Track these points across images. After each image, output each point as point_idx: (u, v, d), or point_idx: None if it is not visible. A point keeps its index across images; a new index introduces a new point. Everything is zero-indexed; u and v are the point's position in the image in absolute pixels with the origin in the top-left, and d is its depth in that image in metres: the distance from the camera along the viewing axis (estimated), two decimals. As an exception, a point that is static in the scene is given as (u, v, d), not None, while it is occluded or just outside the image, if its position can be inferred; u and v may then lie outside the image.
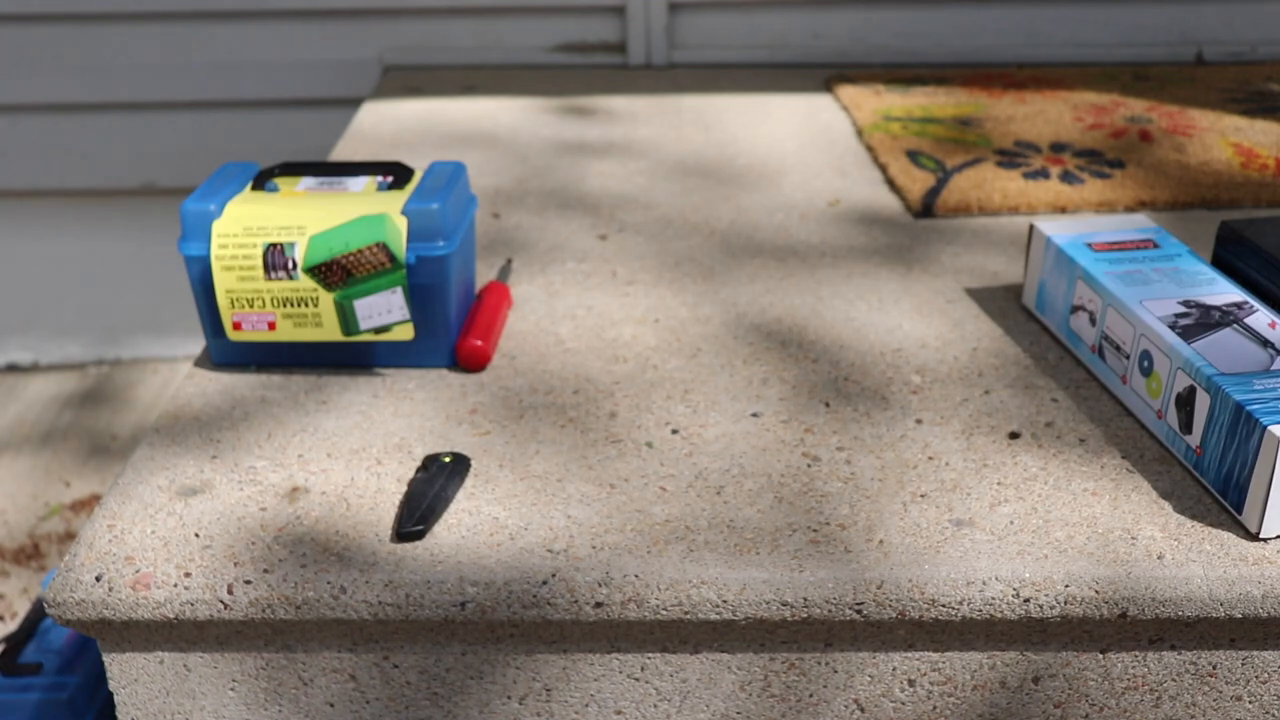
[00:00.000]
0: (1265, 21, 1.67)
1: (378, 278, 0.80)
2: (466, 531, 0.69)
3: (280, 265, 0.80)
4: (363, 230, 0.80)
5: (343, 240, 0.80)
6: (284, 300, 0.81)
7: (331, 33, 1.71)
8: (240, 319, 0.82)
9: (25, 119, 1.79)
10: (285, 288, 0.80)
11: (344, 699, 0.71)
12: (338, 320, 0.81)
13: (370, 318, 0.81)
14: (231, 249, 0.80)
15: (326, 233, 0.80)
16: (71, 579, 0.66)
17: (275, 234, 0.80)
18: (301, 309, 0.81)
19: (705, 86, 1.57)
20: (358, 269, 0.80)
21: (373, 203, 0.82)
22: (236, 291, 0.81)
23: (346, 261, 0.80)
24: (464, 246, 0.87)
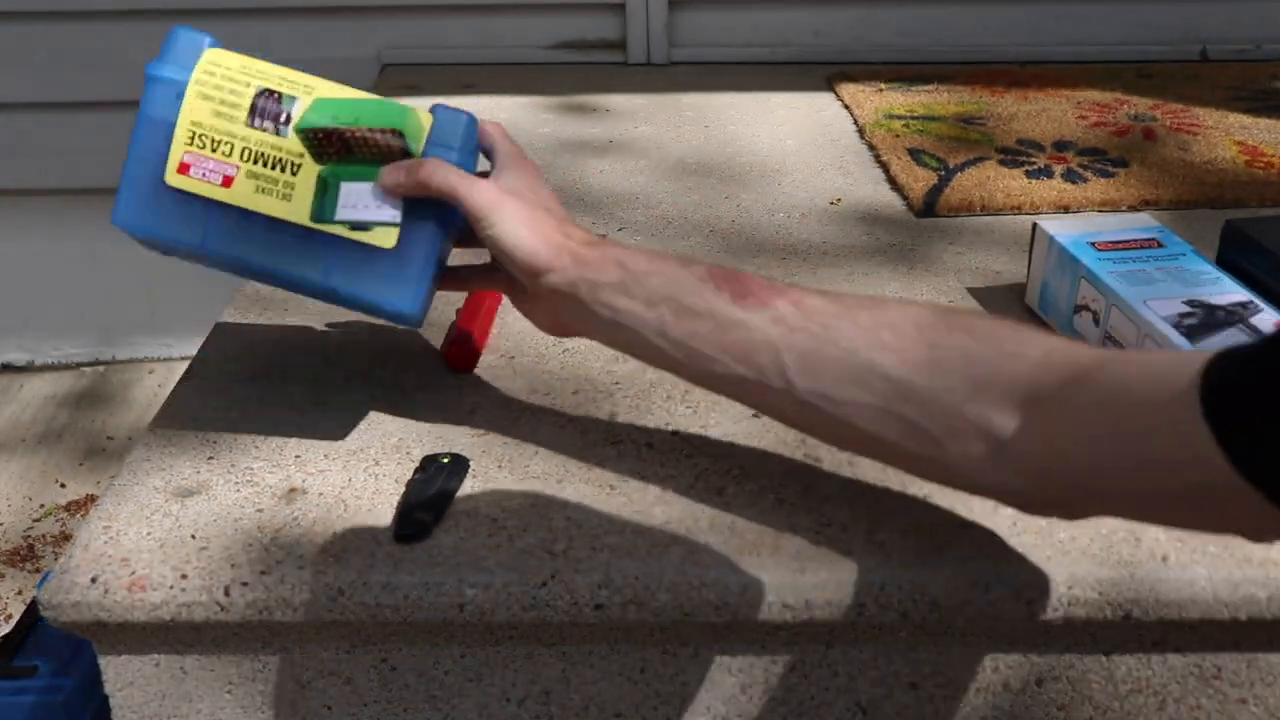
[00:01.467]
0: (1270, 19, 1.66)
1: (377, 163, 0.69)
2: (465, 533, 0.68)
3: (270, 115, 0.68)
4: (380, 112, 0.69)
5: (353, 113, 0.69)
6: (258, 156, 0.68)
7: (329, 30, 1.71)
8: (192, 160, 0.68)
9: (22, 117, 1.79)
10: (265, 141, 0.69)
11: (341, 701, 0.71)
12: (311, 199, 0.69)
13: (352, 206, 0.69)
14: (219, 79, 0.69)
15: (337, 100, 0.69)
16: (67, 581, 0.66)
17: (276, 82, 0.69)
18: (273, 172, 0.69)
19: (706, 84, 1.57)
20: (361, 148, 0.68)
21: (369, 93, 0.72)
22: (204, 127, 0.68)
23: (350, 136, 0.68)
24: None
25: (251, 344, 0.90)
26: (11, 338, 2.00)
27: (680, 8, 1.67)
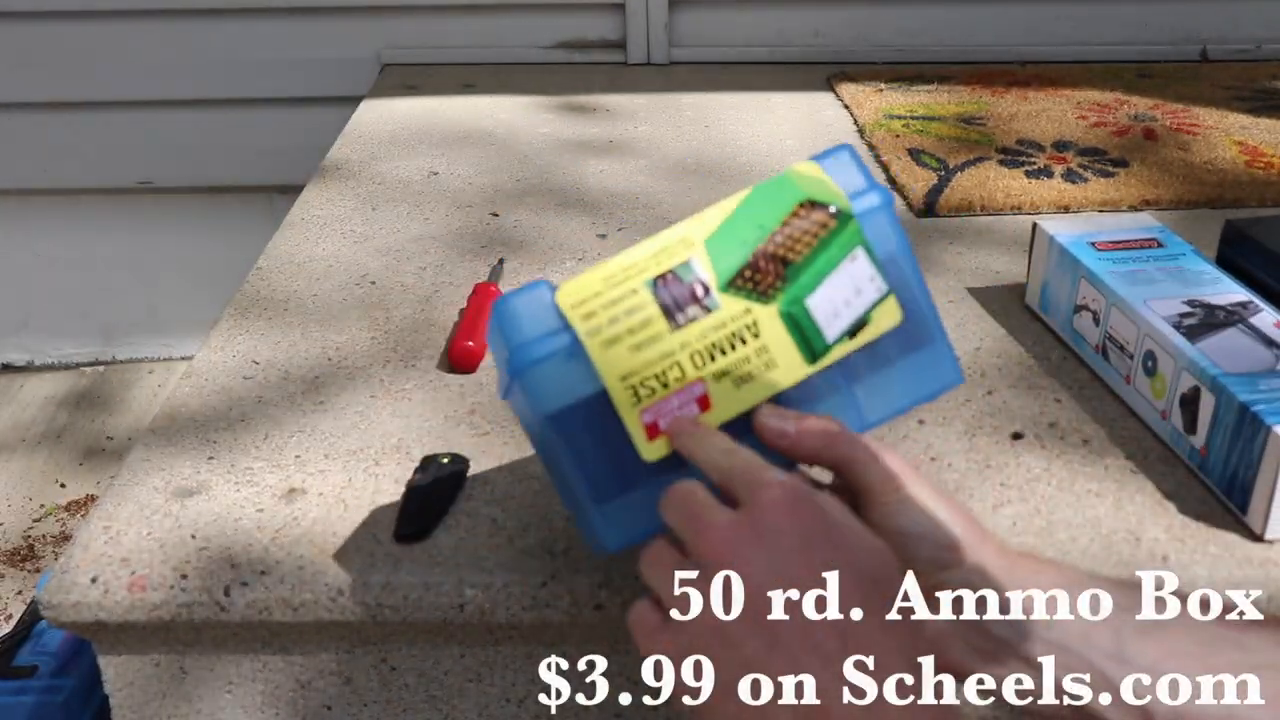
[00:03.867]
0: (1270, 19, 1.66)
1: (824, 249, 0.53)
2: (465, 533, 0.68)
3: (686, 298, 0.52)
4: (768, 201, 0.54)
5: (753, 224, 0.53)
6: (710, 350, 0.52)
7: (329, 30, 1.70)
8: (655, 414, 0.52)
9: (20, 117, 1.78)
10: (706, 328, 0.52)
11: (341, 701, 0.71)
12: (794, 344, 0.53)
13: (836, 314, 0.54)
14: (603, 311, 0.52)
15: (722, 228, 0.53)
16: (67, 581, 0.66)
17: (654, 265, 0.53)
18: (738, 353, 0.53)
19: (706, 84, 1.57)
20: (794, 249, 0.53)
21: (733, 198, 0.55)
22: (636, 372, 0.52)
23: (776, 247, 0.53)
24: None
25: (251, 344, 0.90)
26: (11, 338, 2.00)
27: (680, 8, 1.67)
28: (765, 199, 0.54)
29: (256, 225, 1.84)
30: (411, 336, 0.91)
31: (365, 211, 1.15)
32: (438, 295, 0.97)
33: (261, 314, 0.95)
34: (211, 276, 1.89)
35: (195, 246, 1.90)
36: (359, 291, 0.98)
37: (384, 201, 1.18)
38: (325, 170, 1.26)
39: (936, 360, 0.56)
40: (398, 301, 0.97)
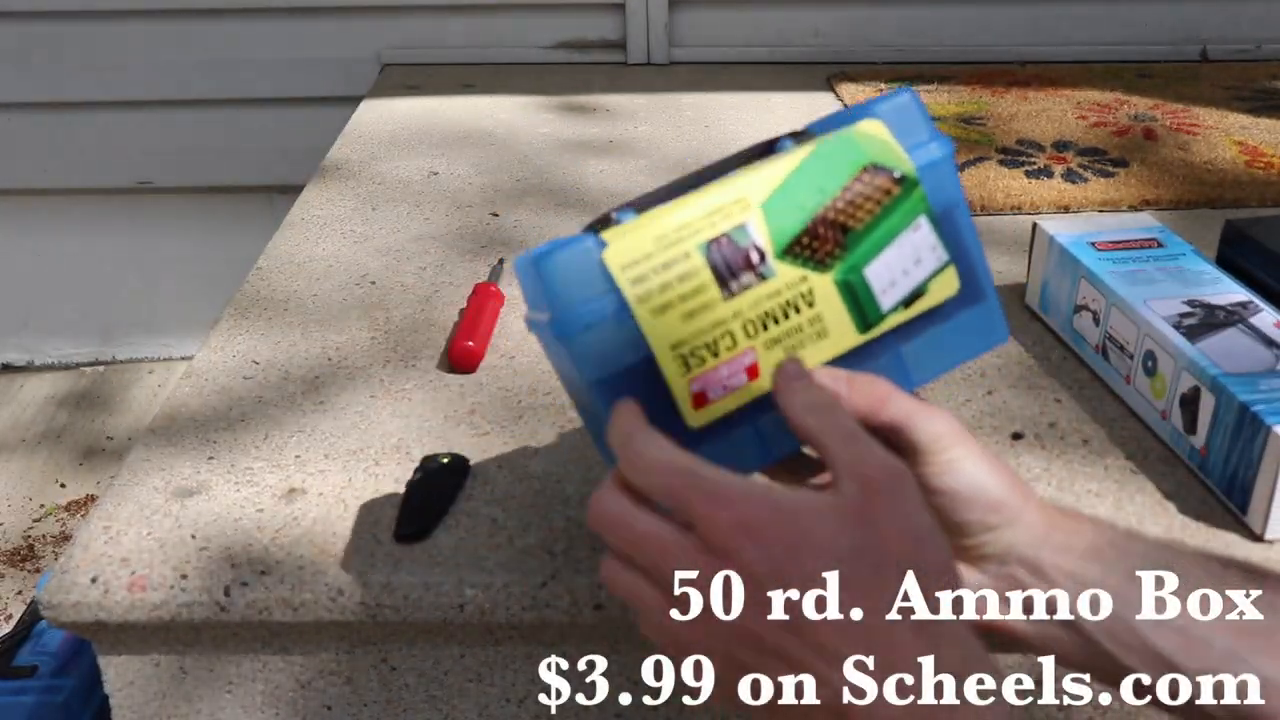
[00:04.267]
0: (1270, 19, 1.66)
1: (887, 216, 0.51)
2: (465, 533, 0.68)
3: (741, 264, 0.50)
4: (830, 163, 0.51)
5: (814, 188, 0.51)
6: (763, 319, 0.50)
7: (329, 30, 1.70)
8: (704, 384, 0.50)
9: (19, 116, 1.78)
10: (760, 296, 0.50)
11: (341, 701, 0.71)
12: (847, 313, 0.51)
13: (893, 284, 0.52)
14: (654, 276, 0.49)
15: (781, 190, 0.51)
16: (67, 581, 0.66)
17: (708, 226, 0.50)
18: (791, 322, 0.51)
19: (706, 84, 1.57)
20: (855, 216, 0.51)
21: (794, 154, 0.52)
22: (687, 340, 0.49)
23: (837, 214, 0.50)
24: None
25: (251, 344, 0.90)
26: (11, 338, 2.00)
27: (680, 8, 1.67)
28: (827, 160, 0.51)
29: (256, 225, 1.84)
30: (411, 336, 0.91)
31: (365, 211, 1.15)
32: (438, 295, 0.97)
33: (261, 314, 0.95)
34: (211, 276, 1.89)
35: (195, 246, 1.90)
36: (359, 291, 0.98)
37: (384, 201, 1.18)
38: (325, 170, 1.26)
39: (986, 317, 0.55)
40: (398, 301, 0.97)
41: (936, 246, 0.52)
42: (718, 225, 0.50)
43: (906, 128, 0.52)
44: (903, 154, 0.51)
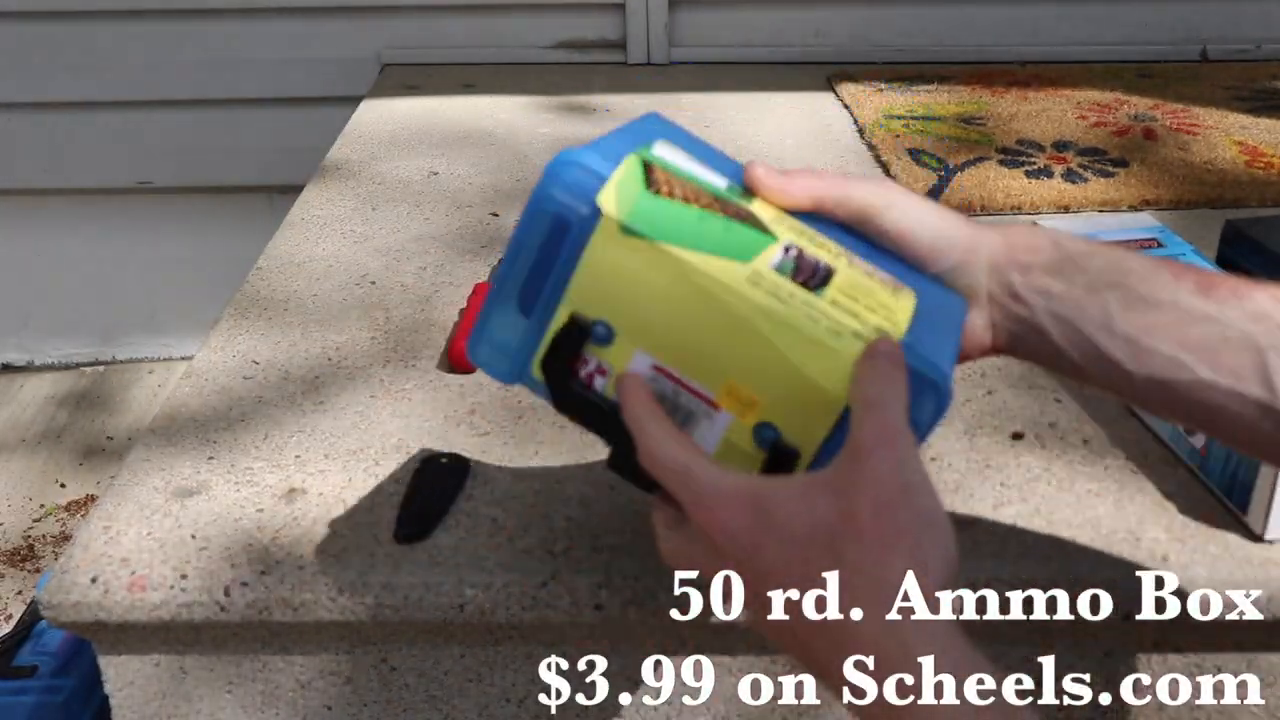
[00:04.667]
0: (1270, 19, 1.66)
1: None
2: (465, 533, 0.68)
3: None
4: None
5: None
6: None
7: (329, 30, 1.70)
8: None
9: (19, 117, 1.78)
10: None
11: (341, 701, 0.71)
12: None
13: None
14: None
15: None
16: (67, 581, 0.66)
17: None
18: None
19: (706, 84, 1.57)
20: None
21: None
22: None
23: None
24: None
25: (251, 344, 0.90)
26: (11, 338, 2.00)
27: (680, 8, 1.67)
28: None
29: (256, 225, 1.84)
30: (411, 336, 0.91)
31: (365, 211, 1.15)
32: (438, 295, 0.97)
33: (261, 314, 0.95)
34: (211, 276, 1.89)
35: (195, 246, 1.90)
36: (359, 291, 0.98)
37: (384, 201, 1.18)
38: (325, 170, 1.26)
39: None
40: (398, 301, 0.97)
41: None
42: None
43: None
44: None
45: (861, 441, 0.44)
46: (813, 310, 0.47)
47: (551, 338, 0.51)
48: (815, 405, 0.48)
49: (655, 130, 0.57)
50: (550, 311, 0.51)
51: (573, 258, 0.49)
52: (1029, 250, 0.54)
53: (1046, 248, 0.54)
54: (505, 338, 0.53)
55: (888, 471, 0.43)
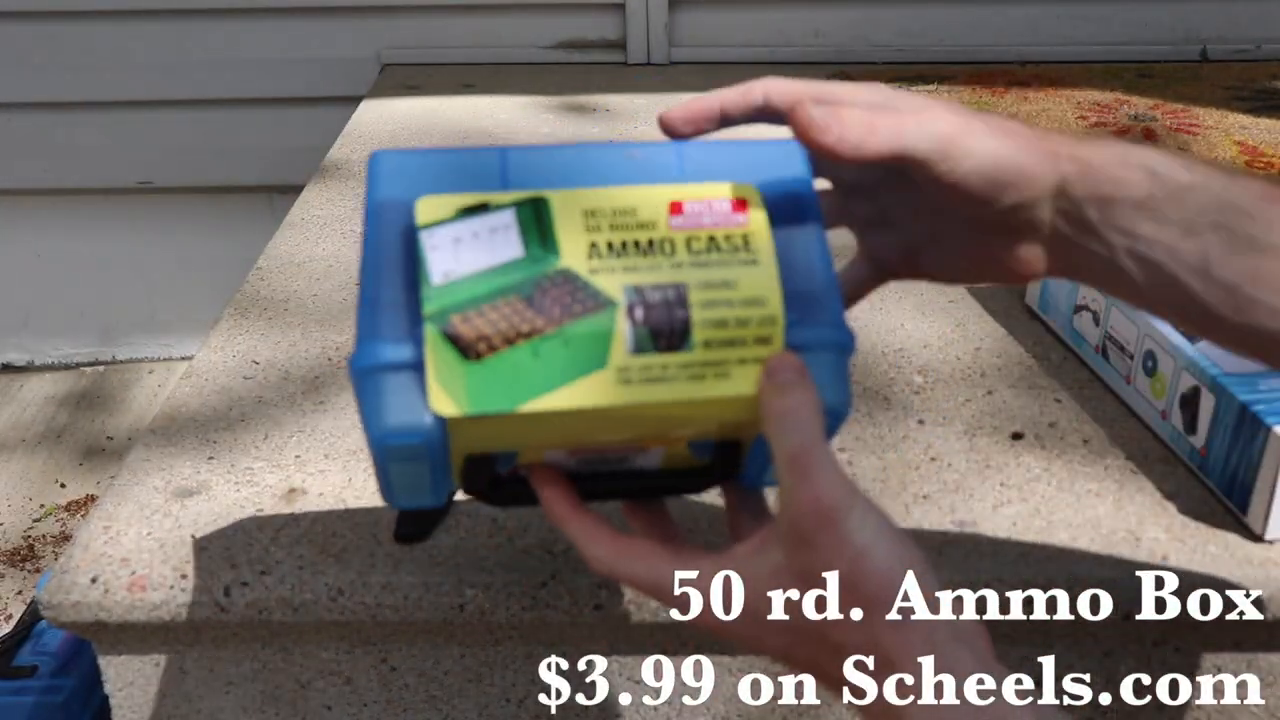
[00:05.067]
0: (1270, 19, 1.66)
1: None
2: (465, 533, 0.68)
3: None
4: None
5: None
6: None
7: (329, 30, 1.70)
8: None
9: (19, 117, 1.78)
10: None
11: (341, 701, 0.71)
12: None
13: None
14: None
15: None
16: (67, 581, 0.66)
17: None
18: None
19: (706, 84, 1.56)
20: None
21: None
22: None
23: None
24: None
25: (251, 344, 0.90)
26: (11, 337, 2.00)
27: (680, 8, 1.67)
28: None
29: (256, 225, 1.84)
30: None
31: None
32: (438, 295, 0.97)
33: (261, 314, 0.95)
34: (211, 276, 1.89)
35: (195, 246, 1.90)
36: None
37: (384, 201, 1.17)
38: (325, 170, 1.26)
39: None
40: (398, 301, 0.96)
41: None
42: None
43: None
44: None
45: (800, 520, 0.42)
46: (693, 368, 0.44)
47: (459, 472, 0.49)
48: (736, 427, 0.47)
49: (394, 185, 0.46)
50: (446, 474, 0.49)
51: (442, 449, 0.45)
52: (1114, 182, 0.46)
53: (1138, 180, 0.46)
54: (420, 498, 0.51)
55: (836, 552, 0.42)
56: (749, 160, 0.49)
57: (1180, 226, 0.46)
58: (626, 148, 0.48)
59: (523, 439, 0.46)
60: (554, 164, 0.47)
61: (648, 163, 0.48)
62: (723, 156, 0.49)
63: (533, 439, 0.47)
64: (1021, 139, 0.47)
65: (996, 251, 0.50)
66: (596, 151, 0.48)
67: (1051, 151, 0.47)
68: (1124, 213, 0.46)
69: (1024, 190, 0.47)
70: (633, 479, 0.52)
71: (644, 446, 0.48)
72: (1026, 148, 0.47)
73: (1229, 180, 0.46)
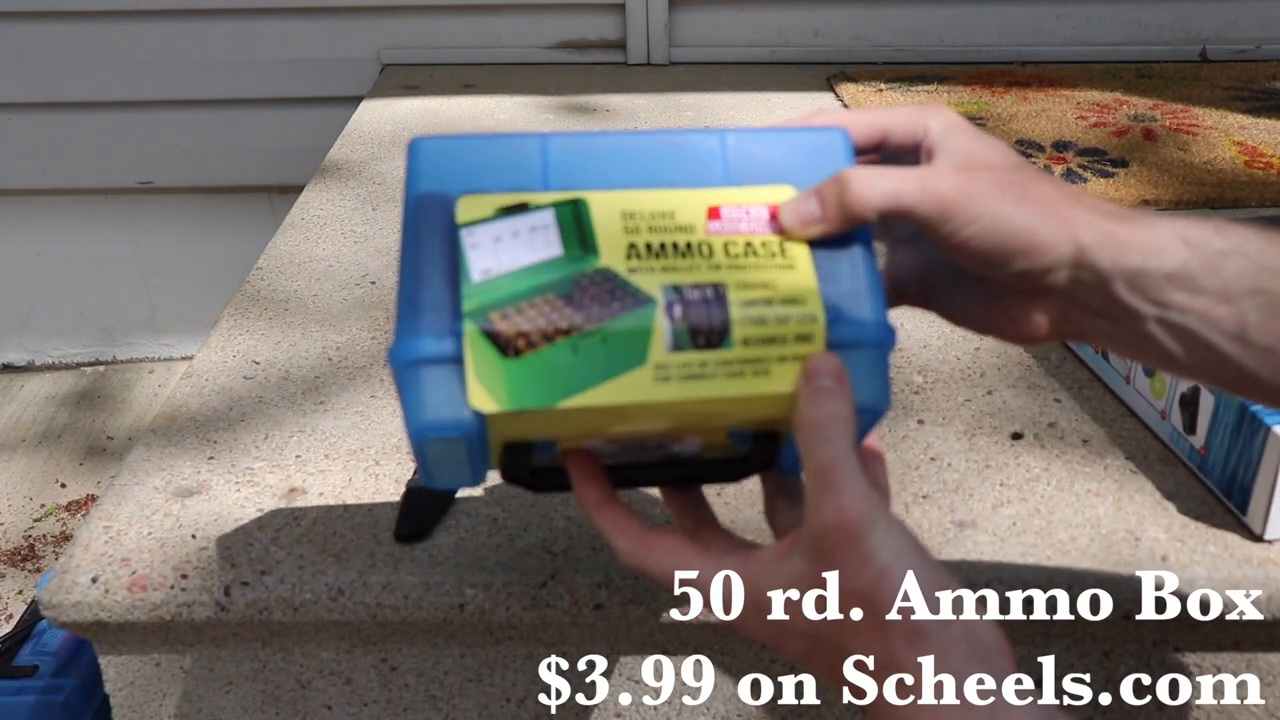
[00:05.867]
0: (1269, 19, 1.66)
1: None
2: (465, 533, 0.68)
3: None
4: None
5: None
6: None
7: (329, 30, 1.71)
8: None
9: (20, 117, 1.78)
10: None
11: (341, 701, 0.71)
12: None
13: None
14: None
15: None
16: (67, 581, 0.66)
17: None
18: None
19: (705, 85, 1.57)
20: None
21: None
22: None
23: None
24: None
25: (251, 344, 0.90)
26: (11, 337, 2.00)
27: (680, 8, 1.67)
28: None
29: (256, 225, 1.84)
30: (411, 336, 0.91)
31: (365, 211, 1.15)
32: (438, 295, 0.97)
33: (261, 314, 0.95)
34: (211, 276, 1.89)
35: (195, 246, 1.90)
36: (359, 291, 0.99)
37: (384, 201, 1.18)
38: (325, 170, 1.26)
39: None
40: (398, 301, 0.96)
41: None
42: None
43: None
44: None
45: (823, 536, 0.42)
46: (732, 366, 0.44)
47: (498, 459, 0.49)
48: (775, 421, 0.47)
49: (433, 176, 0.46)
50: (485, 459, 0.49)
51: (480, 440, 0.45)
52: (1144, 253, 0.44)
53: (1171, 248, 0.44)
54: (458, 479, 0.51)
55: (856, 569, 0.42)
56: (792, 150, 0.48)
57: (1216, 294, 0.44)
58: (669, 135, 0.48)
59: (560, 431, 0.47)
60: (595, 156, 0.47)
61: (690, 151, 0.48)
62: (766, 146, 0.48)
63: (570, 431, 0.47)
64: (1035, 204, 0.45)
65: (1007, 309, 0.49)
66: (637, 140, 0.48)
67: (1070, 219, 0.45)
68: (1155, 283, 0.44)
69: (1034, 258, 0.45)
70: (669, 468, 0.52)
71: (681, 437, 0.48)
72: (1040, 214, 0.45)
73: (1265, 243, 0.45)
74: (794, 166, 0.48)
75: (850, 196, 0.45)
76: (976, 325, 0.51)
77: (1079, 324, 0.47)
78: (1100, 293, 0.45)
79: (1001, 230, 0.45)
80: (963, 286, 0.50)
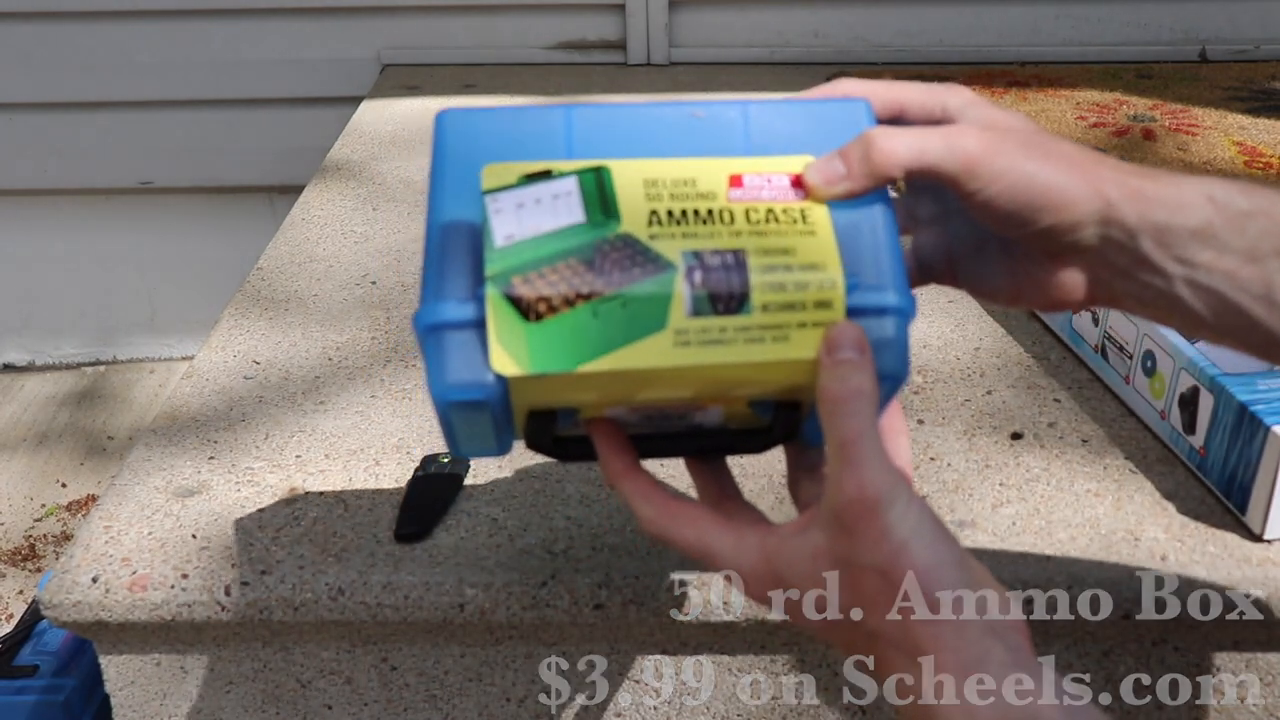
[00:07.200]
0: (1269, 19, 1.66)
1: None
2: (465, 532, 0.68)
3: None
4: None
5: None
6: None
7: (329, 31, 1.71)
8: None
9: (21, 117, 1.78)
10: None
11: (342, 701, 0.71)
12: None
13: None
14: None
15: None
16: (68, 580, 0.66)
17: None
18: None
19: (705, 85, 1.57)
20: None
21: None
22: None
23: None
24: None
25: (252, 344, 0.90)
26: (12, 337, 2.00)
27: (680, 8, 1.67)
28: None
29: (256, 225, 1.84)
30: (411, 336, 0.91)
31: (366, 211, 1.15)
32: (438, 295, 0.97)
33: (262, 314, 0.95)
34: (211, 276, 1.89)
35: (195, 246, 1.90)
36: (359, 291, 0.99)
37: (384, 201, 1.18)
38: (325, 170, 1.26)
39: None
40: (398, 301, 0.97)
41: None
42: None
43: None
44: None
45: (844, 510, 0.42)
46: (751, 331, 0.44)
47: (523, 427, 0.49)
48: (796, 389, 0.47)
49: (459, 147, 0.47)
50: (509, 426, 0.49)
51: (503, 405, 0.46)
52: (1170, 209, 0.44)
53: (1197, 205, 0.44)
54: (484, 448, 0.52)
55: (876, 543, 0.42)
56: (814, 121, 0.49)
57: (1242, 254, 0.44)
58: (691, 106, 0.48)
59: (583, 396, 0.47)
60: (618, 126, 0.48)
61: (713, 123, 0.48)
62: (788, 118, 0.49)
63: (592, 396, 0.47)
64: (1061, 161, 0.45)
65: (1035, 274, 0.49)
66: (661, 111, 0.48)
67: (1096, 175, 0.45)
68: (1181, 241, 0.45)
69: (1061, 214, 0.45)
70: (692, 439, 0.52)
71: (703, 405, 0.49)
72: (1067, 170, 0.45)
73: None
74: (816, 137, 0.48)
75: (876, 154, 0.45)
76: (1006, 297, 0.51)
77: (1108, 286, 0.47)
78: (1128, 251, 0.45)
79: (1027, 186, 0.45)
80: (989, 258, 0.50)
